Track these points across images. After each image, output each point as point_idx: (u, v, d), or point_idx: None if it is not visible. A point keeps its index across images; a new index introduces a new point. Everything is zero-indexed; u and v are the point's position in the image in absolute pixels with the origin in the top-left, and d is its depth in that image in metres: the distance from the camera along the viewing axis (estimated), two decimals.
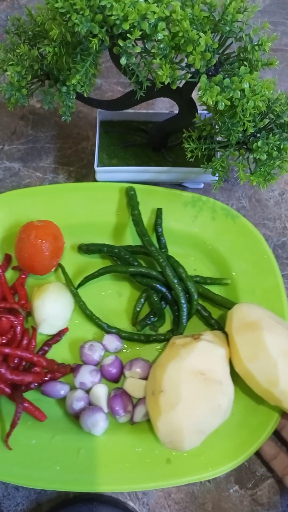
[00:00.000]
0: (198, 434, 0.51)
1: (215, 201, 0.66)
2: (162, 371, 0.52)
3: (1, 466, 0.52)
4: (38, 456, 0.53)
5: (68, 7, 0.42)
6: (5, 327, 0.56)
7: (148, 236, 0.62)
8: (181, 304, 0.59)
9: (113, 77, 0.83)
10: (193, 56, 0.45)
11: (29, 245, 0.59)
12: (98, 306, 0.62)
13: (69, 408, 0.55)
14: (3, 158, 0.75)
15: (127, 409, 0.55)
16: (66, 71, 0.51)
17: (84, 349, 0.59)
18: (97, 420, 0.54)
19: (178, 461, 0.54)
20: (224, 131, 0.52)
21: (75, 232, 0.65)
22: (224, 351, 0.54)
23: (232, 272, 0.64)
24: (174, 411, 0.50)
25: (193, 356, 0.52)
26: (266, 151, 0.51)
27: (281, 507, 0.56)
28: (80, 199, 0.66)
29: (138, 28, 0.43)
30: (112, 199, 0.66)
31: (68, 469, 0.53)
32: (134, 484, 0.53)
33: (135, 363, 0.57)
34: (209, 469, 0.53)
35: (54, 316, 0.59)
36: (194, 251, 0.66)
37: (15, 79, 0.53)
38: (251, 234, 0.65)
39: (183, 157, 0.63)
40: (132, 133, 0.70)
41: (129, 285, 0.65)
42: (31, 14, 0.54)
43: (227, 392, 0.52)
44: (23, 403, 0.53)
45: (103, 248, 0.63)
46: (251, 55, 0.49)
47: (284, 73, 0.86)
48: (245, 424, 0.55)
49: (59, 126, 0.78)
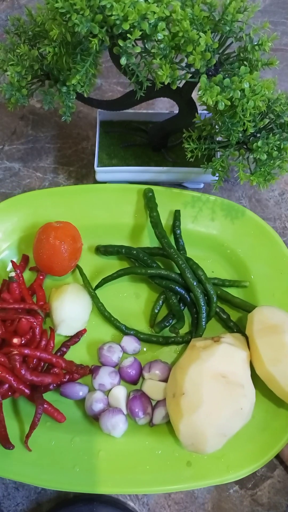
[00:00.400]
0: (220, 437, 0.50)
1: (235, 203, 0.66)
2: (183, 374, 0.51)
3: (21, 468, 0.52)
4: (58, 458, 0.53)
5: (68, 7, 0.42)
6: (25, 328, 0.55)
7: (167, 238, 0.62)
8: (200, 306, 0.59)
9: (113, 77, 0.83)
10: (193, 56, 0.45)
11: (48, 246, 0.59)
12: (116, 308, 0.62)
13: (88, 409, 0.55)
14: (3, 158, 0.75)
15: (147, 411, 0.55)
16: (66, 71, 0.52)
17: (103, 350, 0.59)
18: (117, 422, 0.54)
19: (199, 464, 0.53)
20: (224, 131, 0.52)
21: (92, 233, 0.65)
22: (245, 354, 0.54)
23: (250, 275, 0.64)
24: (196, 414, 0.49)
25: (215, 358, 0.51)
26: (266, 151, 0.51)
27: (281, 507, 0.56)
28: (97, 200, 0.66)
29: (138, 28, 0.43)
30: (130, 200, 0.66)
31: (88, 471, 0.53)
32: (155, 487, 0.52)
33: (154, 365, 0.58)
34: (230, 472, 0.53)
35: (72, 317, 0.59)
36: (212, 253, 0.66)
37: (15, 79, 0.53)
38: (270, 237, 0.64)
39: (183, 157, 0.63)
40: (132, 133, 0.70)
41: (147, 286, 0.65)
42: (31, 14, 0.54)
43: (249, 395, 0.52)
44: (43, 404, 0.53)
45: (121, 249, 0.63)
46: (251, 55, 0.49)
47: (284, 73, 0.86)
48: (266, 427, 0.55)
49: (59, 126, 0.78)
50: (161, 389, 0.56)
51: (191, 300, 0.61)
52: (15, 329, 0.56)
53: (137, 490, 0.53)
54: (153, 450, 0.54)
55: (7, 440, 0.52)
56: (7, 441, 0.52)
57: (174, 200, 0.66)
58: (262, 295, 0.62)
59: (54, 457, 0.53)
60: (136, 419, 0.55)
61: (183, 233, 0.65)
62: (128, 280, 0.64)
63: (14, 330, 0.56)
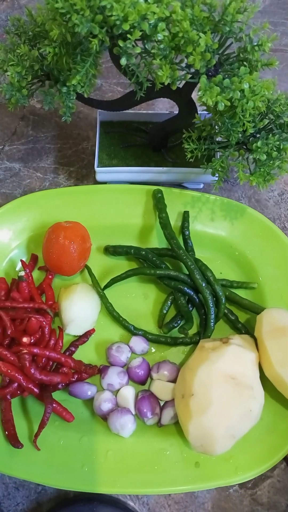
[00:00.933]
0: (229, 439, 0.50)
1: (244, 205, 0.66)
2: (193, 375, 0.52)
3: (29, 467, 0.52)
4: (66, 457, 0.53)
5: (68, 8, 0.42)
6: (34, 327, 0.56)
7: (176, 239, 0.62)
8: (209, 307, 0.59)
9: (113, 78, 0.83)
10: (193, 57, 0.45)
11: (58, 246, 0.59)
12: (124, 308, 0.62)
13: (96, 409, 0.56)
14: (3, 158, 0.75)
15: (155, 411, 0.55)
16: (66, 71, 0.52)
17: (112, 350, 0.59)
18: (126, 422, 0.54)
19: (207, 465, 0.54)
20: (224, 131, 0.52)
21: (100, 234, 0.65)
22: (254, 355, 0.54)
23: (259, 276, 0.64)
24: (206, 415, 0.49)
25: (224, 360, 0.52)
26: (266, 152, 0.51)
27: (281, 507, 0.56)
28: (106, 200, 0.66)
29: (138, 28, 0.43)
30: (139, 201, 0.66)
31: (97, 470, 0.53)
32: (163, 487, 0.53)
33: (163, 366, 0.58)
34: (239, 473, 0.53)
35: (81, 317, 0.59)
36: (220, 255, 0.66)
37: (15, 80, 0.53)
38: (279, 239, 0.64)
39: (183, 158, 0.63)
40: (132, 133, 0.70)
41: (155, 287, 0.65)
42: (31, 15, 0.54)
43: (258, 397, 0.52)
44: (52, 403, 0.53)
45: (130, 250, 0.63)
46: (251, 55, 0.49)
47: (284, 73, 0.86)
48: (275, 429, 0.55)
49: (60, 126, 0.78)
50: (170, 390, 0.56)
51: (200, 301, 0.61)
52: (25, 328, 0.56)
53: (145, 490, 0.53)
54: (162, 450, 0.54)
55: (16, 439, 0.53)
56: (16, 440, 0.53)
57: (182, 201, 0.66)
58: (270, 296, 0.62)
59: (63, 456, 0.53)
60: (145, 420, 0.55)
61: (191, 234, 0.66)
62: (136, 280, 0.65)
63: (24, 329, 0.56)
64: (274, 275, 0.63)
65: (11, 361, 0.54)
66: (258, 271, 0.64)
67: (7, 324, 0.56)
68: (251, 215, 0.66)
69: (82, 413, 0.57)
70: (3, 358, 0.54)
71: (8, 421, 0.53)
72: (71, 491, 0.55)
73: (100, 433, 0.55)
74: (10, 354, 0.53)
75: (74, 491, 0.55)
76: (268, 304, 0.62)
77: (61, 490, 0.55)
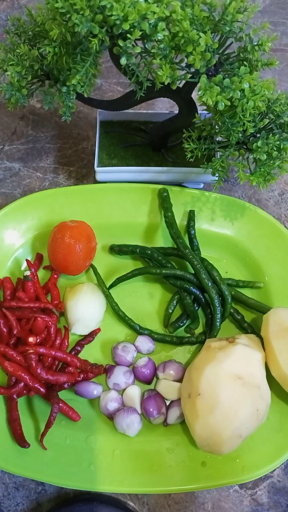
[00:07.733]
0: (236, 438, 0.50)
1: (250, 204, 0.66)
2: (199, 374, 0.51)
3: (36, 466, 0.52)
4: (73, 456, 0.53)
5: (68, 7, 0.42)
6: (40, 327, 0.56)
7: (182, 238, 0.62)
8: (215, 306, 0.59)
9: (113, 77, 0.83)
10: (193, 56, 0.45)
11: (64, 245, 0.59)
12: (130, 307, 0.62)
13: (102, 408, 0.56)
14: (3, 158, 0.75)
15: (161, 411, 0.55)
16: (66, 71, 0.52)
17: (117, 350, 0.59)
18: (132, 421, 0.54)
19: (214, 464, 0.53)
20: (224, 131, 0.52)
21: (106, 233, 0.65)
22: (261, 355, 0.54)
23: (265, 276, 0.63)
24: (213, 414, 0.49)
25: (231, 359, 0.51)
26: (266, 151, 0.51)
27: (281, 507, 0.56)
28: (112, 200, 0.66)
29: (138, 28, 0.43)
30: (144, 200, 0.66)
31: (103, 470, 0.53)
32: (170, 486, 0.52)
33: (169, 365, 0.58)
34: (245, 473, 0.53)
35: (87, 316, 0.59)
36: (226, 254, 0.66)
37: (15, 79, 0.53)
38: (285, 238, 0.64)
39: (183, 157, 0.63)
40: (132, 133, 0.70)
41: (161, 286, 0.65)
42: (31, 14, 0.54)
43: (265, 397, 0.52)
44: (58, 403, 0.53)
45: (135, 249, 0.63)
46: (251, 55, 0.49)
47: (284, 73, 0.86)
48: (281, 429, 0.55)
49: (59, 126, 0.78)
50: (176, 389, 0.56)
51: (206, 301, 0.61)
52: (31, 328, 0.56)
53: (152, 489, 0.53)
54: (168, 449, 0.54)
55: (22, 439, 0.53)
56: (23, 440, 0.52)
57: (185, 200, 0.66)
58: (277, 296, 0.62)
59: (70, 455, 0.53)
60: (151, 419, 0.55)
61: (197, 234, 0.66)
62: (141, 279, 0.65)
63: (30, 329, 0.56)
64: (281, 274, 0.63)
65: (17, 361, 0.54)
66: (264, 270, 0.64)
67: (13, 324, 0.56)
68: (257, 214, 0.65)
69: (88, 413, 0.57)
70: (10, 357, 0.54)
71: (15, 420, 0.53)
72: (71, 491, 0.55)
73: (107, 432, 0.55)
74: (16, 354, 0.54)
75: (74, 491, 0.55)
76: (274, 304, 0.62)
77: (61, 490, 0.55)
